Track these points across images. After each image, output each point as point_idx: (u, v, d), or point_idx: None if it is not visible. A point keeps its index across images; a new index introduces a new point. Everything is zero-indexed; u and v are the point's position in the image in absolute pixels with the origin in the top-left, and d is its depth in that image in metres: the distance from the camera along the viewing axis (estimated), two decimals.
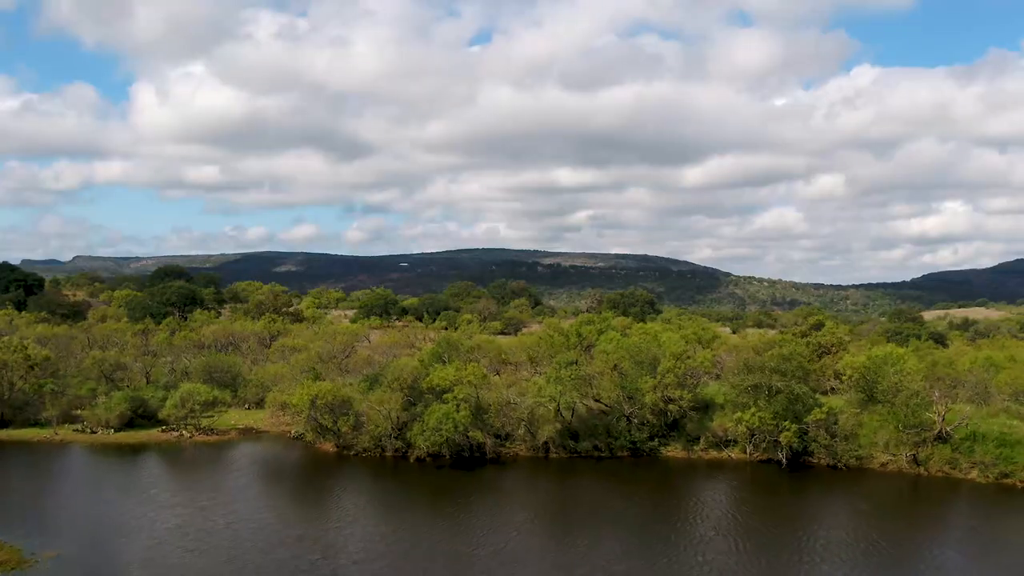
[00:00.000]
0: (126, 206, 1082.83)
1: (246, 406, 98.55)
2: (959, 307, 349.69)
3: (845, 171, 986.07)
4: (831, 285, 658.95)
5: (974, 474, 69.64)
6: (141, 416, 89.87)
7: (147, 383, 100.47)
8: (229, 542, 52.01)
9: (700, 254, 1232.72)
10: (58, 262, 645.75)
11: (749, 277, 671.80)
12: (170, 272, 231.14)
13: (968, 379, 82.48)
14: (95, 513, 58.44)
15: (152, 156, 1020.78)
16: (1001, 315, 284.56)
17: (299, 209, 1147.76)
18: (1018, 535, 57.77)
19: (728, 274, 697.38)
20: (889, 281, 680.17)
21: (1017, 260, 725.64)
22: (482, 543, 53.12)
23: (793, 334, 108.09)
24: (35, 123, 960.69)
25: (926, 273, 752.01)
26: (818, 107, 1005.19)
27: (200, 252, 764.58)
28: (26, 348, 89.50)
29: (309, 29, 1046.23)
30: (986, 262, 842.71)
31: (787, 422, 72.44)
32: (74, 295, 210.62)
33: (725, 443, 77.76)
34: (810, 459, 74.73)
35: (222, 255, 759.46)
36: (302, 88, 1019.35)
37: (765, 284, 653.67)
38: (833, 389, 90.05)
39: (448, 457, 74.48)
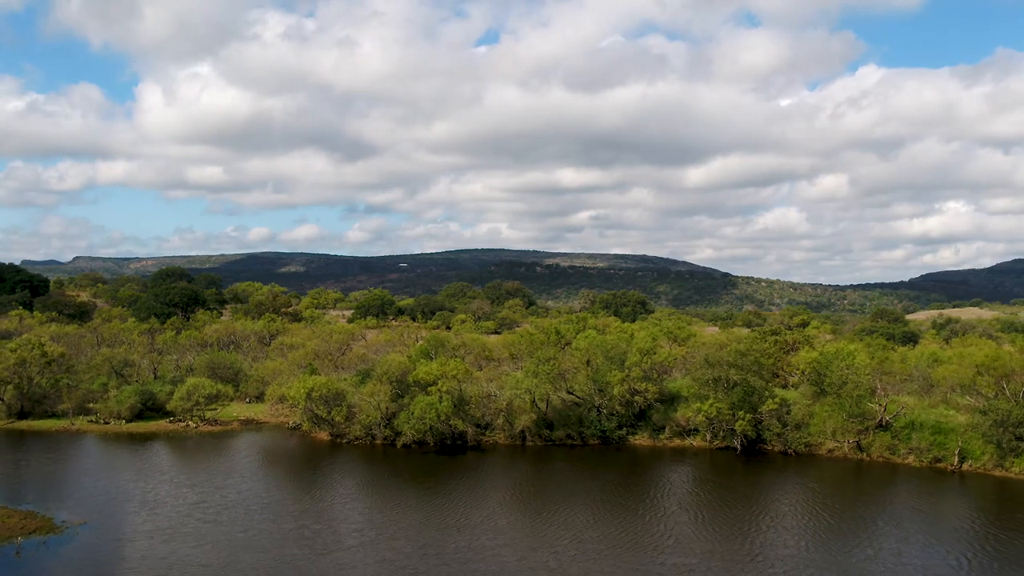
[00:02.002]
0: (128, 206, 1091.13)
1: (247, 400, 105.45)
2: (953, 307, 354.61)
3: (848, 171, 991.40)
4: (829, 285, 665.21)
5: (911, 459, 76.48)
6: (150, 408, 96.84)
7: (155, 378, 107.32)
8: (243, 514, 58.72)
9: (701, 254, 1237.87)
10: (58, 262, 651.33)
11: (747, 277, 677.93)
12: (172, 274, 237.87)
13: (914, 374, 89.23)
14: (118, 490, 65.24)
15: (156, 156, 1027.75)
16: (993, 315, 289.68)
17: (301, 209, 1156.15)
18: (947, 512, 64.19)
19: (727, 274, 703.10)
20: (887, 281, 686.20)
21: (1015, 260, 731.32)
22: (466, 516, 59.56)
23: (762, 332, 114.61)
24: (40, 123, 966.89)
25: (924, 273, 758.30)
26: (823, 108, 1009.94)
27: (200, 252, 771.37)
28: (43, 345, 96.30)
29: (316, 30, 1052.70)
30: (987, 262, 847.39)
31: (742, 412, 79.21)
32: (77, 296, 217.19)
33: (688, 432, 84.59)
34: (764, 446, 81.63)
35: (222, 255, 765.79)
36: (308, 89, 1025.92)
37: (763, 284, 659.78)
38: (795, 385, 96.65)
39: (432, 444, 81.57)
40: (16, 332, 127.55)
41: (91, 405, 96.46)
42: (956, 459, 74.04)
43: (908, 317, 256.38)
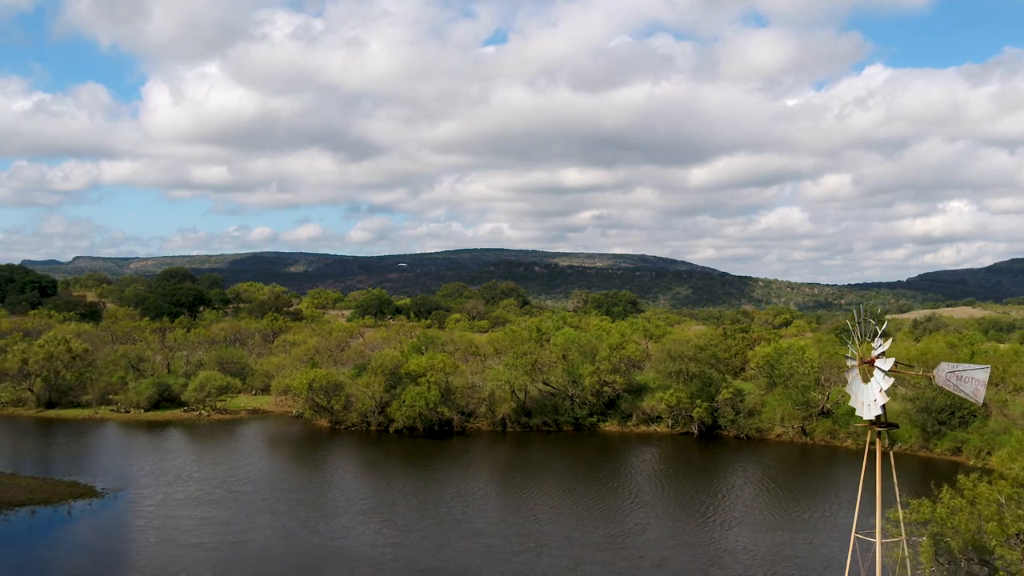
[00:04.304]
0: (131, 206, 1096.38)
1: (253, 392, 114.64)
2: (947, 306, 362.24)
3: (852, 171, 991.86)
4: (828, 285, 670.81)
5: (849, 442, 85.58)
6: (165, 399, 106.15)
7: (168, 372, 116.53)
8: (266, 485, 68.07)
9: (702, 254, 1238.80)
10: (58, 262, 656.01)
11: (745, 277, 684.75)
12: (175, 274, 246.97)
13: None
14: (151, 466, 74.50)
15: (161, 156, 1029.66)
16: (984, 314, 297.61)
17: (305, 209, 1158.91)
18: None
19: (725, 274, 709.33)
20: (886, 281, 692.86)
21: (1012, 260, 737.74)
22: (455, 488, 68.62)
23: (730, 329, 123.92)
24: (46, 123, 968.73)
25: (923, 272, 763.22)
26: (830, 108, 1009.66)
27: (201, 252, 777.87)
28: (68, 342, 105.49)
29: (324, 30, 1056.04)
30: (987, 262, 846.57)
31: (700, 400, 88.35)
32: (84, 296, 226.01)
33: (653, 419, 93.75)
34: (720, 431, 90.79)
35: (222, 255, 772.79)
36: (315, 89, 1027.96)
37: (761, 284, 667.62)
38: (754, 378, 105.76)
39: (422, 430, 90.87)
40: (35, 331, 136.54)
41: (112, 396, 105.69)
42: (888, 442, 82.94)
43: (901, 316, 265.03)
